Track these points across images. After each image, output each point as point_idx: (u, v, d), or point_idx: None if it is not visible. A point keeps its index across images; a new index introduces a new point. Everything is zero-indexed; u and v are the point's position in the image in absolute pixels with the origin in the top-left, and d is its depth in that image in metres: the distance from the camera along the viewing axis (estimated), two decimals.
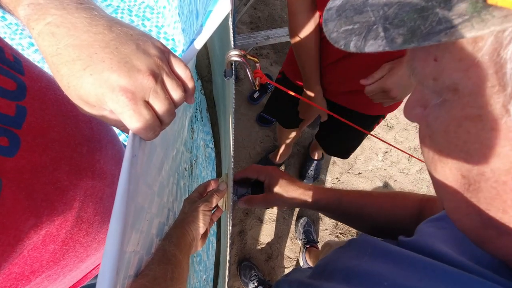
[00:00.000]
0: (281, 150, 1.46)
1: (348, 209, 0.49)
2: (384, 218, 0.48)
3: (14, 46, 1.11)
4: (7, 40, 1.16)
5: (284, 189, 0.52)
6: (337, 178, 1.66)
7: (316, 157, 1.58)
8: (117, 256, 0.24)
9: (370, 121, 0.94)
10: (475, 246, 0.21)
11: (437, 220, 0.31)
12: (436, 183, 0.21)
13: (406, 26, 0.15)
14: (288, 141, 1.35)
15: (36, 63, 0.39)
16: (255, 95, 1.68)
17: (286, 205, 0.53)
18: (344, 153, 1.17)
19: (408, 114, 0.23)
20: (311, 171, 1.58)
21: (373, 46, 0.16)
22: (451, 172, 0.19)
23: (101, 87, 0.23)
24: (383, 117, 0.95)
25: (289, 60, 0.94)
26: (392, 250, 0.29)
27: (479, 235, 0.20)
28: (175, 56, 0.29)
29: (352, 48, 0.17)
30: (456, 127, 0.17)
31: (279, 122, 1.20)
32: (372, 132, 0.90)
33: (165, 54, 0.28)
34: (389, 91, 0.65)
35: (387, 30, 0.16)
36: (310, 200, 0.51)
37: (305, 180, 1.59)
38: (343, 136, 1.03)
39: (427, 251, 0.26)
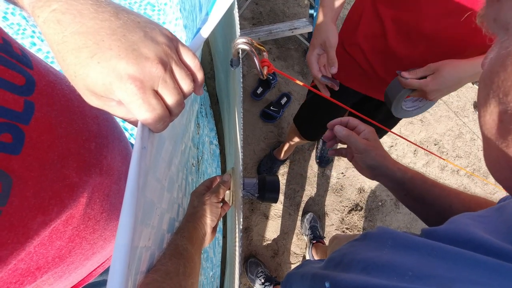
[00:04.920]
0: (285, 147, 1.45)
1: (429, 192, 0.48)
2: (463, 211, 0.47)
3: None
4: None
5: (381, 148, 0.52)
6: (342, 173, 1.65)
7: None
8: (128, 248, 0.23)
9: None
10: None
11: (477, 216, 0.30)
12: (481, 132, 0.22)
13: None
14: (296, 143, 1.34)
15: None
16: (258, 91, 1.67)
17: (376, 167, 0.51)
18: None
19: (483, 66, 0.23)
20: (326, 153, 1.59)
21: None
22: (490, 117, 0.19)
23: (108, 76, 0.23)
24: None
25: None
26: (417, 241, 0.28)
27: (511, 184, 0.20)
28: (183, 44, 0.28)
29: None
30: (499, 66, 0.18)
31: (301, 132, 1.16)
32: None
33: (173, 42, 0.27)
34: (427, 93, 0.62)
35: None
36: (399, 167, 0.50)
37: (322, 164, 1.60)
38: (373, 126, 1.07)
39: (463, 239, 0.25)
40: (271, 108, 1.63)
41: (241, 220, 0.38)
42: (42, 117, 0.31)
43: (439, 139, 1.84)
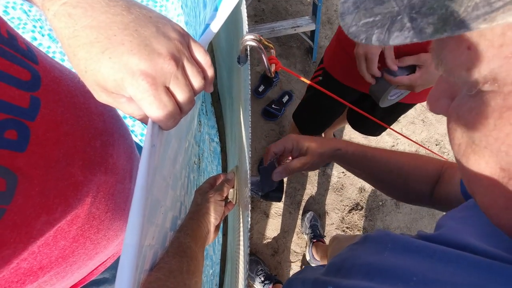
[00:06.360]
0: None
1: (371, 162, 0.49)
2: (404, 176, 0.48)
3: None
4: None
5: (315, 142, 0.52)
6: (343, 172, 1.64)
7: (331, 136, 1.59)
8: (137, 249, 0.23)
9: (402, 108, 0.95)
10: (509, 239, 0.20)
11: (461, 218, 0.29)
12: (468, 176, 0.20)
13: (436, 14, 0.14)
14: None
15: None
16: (260, 89, 1.66)
17: (321, 159, 0.52)
18: (376, 133, 1.19)
19: (432, 106, 0.21)
20: None
21: (398, 38, 0.15)
22: (487, 165, 0.18)
23: (120, 71, 0.22)
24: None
25: (330, 53, 0.89)
26: (417, 244, 0.27)
27: None
28: (195, 40, 0.27)
29: (374, 41, 0.16)
30: (496, 119, 0.16)
31: (300, 128, 1.16)
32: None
33: (185, 38, 0.26)
34: (415, 88, 0.66)
35: (414, 20, 0.14)
36: (339, 147, 0.51)
37: None
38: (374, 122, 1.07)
39: (456, 244, 0.25)
40: (273, 106, 1.62)
41: (249, 219, 0.38)
42: (48, 113, 0.30)
43: (441, 139, 1.84)
